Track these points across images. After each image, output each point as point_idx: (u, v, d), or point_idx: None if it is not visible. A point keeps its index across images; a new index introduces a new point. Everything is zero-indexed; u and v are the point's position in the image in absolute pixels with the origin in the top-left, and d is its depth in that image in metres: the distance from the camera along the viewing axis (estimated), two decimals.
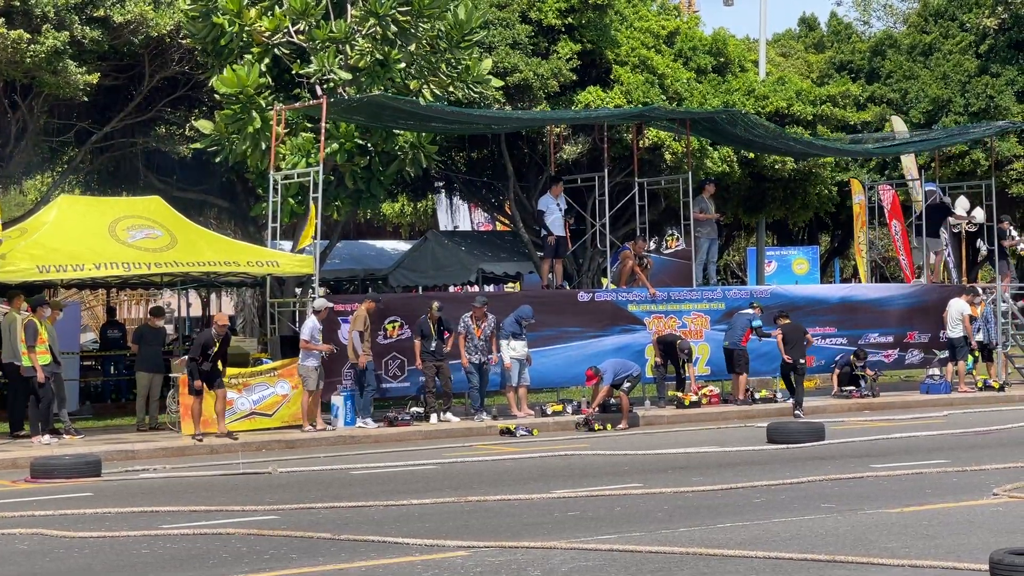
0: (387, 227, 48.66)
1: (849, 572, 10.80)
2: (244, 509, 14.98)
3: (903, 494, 15.23)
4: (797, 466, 17.98)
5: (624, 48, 31.70)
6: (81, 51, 25.34)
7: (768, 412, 26.14)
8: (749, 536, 12.57)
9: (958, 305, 29.41)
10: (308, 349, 23.10)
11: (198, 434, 22.01)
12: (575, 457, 19.98)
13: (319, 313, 23.32)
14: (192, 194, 32.46)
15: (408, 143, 26.08)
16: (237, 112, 24.73)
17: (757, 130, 29.02)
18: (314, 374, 23.23)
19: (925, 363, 30.63)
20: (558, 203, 27.60)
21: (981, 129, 33.55)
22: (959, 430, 22.73)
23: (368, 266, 37.05)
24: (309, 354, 23.19)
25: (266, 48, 25.16)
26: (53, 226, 22.96)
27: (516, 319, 25.05)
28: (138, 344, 24.76)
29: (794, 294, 30.45)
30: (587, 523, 13.61)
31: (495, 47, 29.38)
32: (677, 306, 27.70)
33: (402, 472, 18.65)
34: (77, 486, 17.59)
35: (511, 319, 25.09)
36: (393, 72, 24.91)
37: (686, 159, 29.61)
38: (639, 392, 27.15)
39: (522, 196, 32.18)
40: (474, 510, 14.72)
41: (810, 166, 34.64)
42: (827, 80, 40.52)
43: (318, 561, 11.76)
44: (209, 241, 24.43)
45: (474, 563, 11.51)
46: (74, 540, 13.19)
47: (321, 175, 24.17)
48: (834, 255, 49.12)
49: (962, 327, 29.18)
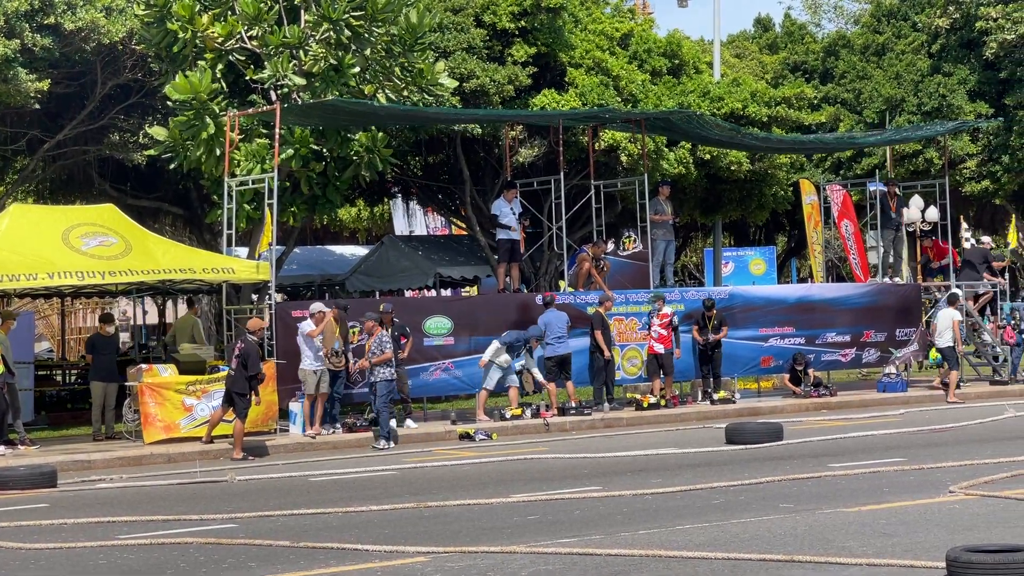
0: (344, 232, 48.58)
1: (807, 572, 10.83)
2: (202, 518, 14.89)
3: (861, 493, 15.29)
4: (755, 467, 18.03)
5: (578, 51, 31.75)
6: (32, 59, 25.18)
7: (727, 413, 26.21)
8: (709, 537, 12.58)
9: (948, 314, 28.87)
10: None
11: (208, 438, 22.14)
12: (534, 461, 19.96)
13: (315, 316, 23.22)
14: (146, 201, 32.33)
15: (363, 147, 26.02)
16: (191, 118, 24.61)
17: (713, 130, 29.13)
18: (312, 378, 23.12)
19: (882, 362, 30.77)
20: (512, 207, 27.59)
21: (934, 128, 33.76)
22: (915, 428, 22.86)
23: (325, 271, 36.97)
24: (306, 357, 23.10)
25: (219, 54, 25.04)
26: (5, 235, 22.75)
27: (525, 337, 24.95)
28: (91, 353, 24.58)
29: (752, 295, 30.55)
30: (547, 527, 13.60)
31: (450, 52, 29.37)
32: (637, 308, 27.71)
33: (361, 478, 18.59)
34: (32, 497, 17.45)
35: (520, 334, 24.97)
36: (347, 77, 24.85)
37: (642, 161, 29.66)
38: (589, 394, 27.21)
39: (479, 200, 32.17)
40: (433, 515, 14.68)
41: (766, 167, 34.79)
42: (782, 81, 40.74)
43: (277, 569, 11.70)
44: (164, 248, 24.26)
45: (434, 568, 11.47)
46: (30, 552, 13.08)
47: (276, 181, 24.07)
48: (791, 255, 49.35)
49: (951, 335, 28.60)
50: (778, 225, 46.68)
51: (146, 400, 22.45)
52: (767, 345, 29.53)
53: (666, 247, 29.76)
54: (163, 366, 24.41)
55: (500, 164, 31.07)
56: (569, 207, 28.64)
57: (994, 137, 39.11)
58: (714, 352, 28.00)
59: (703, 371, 28.25)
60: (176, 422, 22.58)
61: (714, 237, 39.91)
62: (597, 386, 26.64)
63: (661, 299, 27.21)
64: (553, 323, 25.76)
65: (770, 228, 47.15)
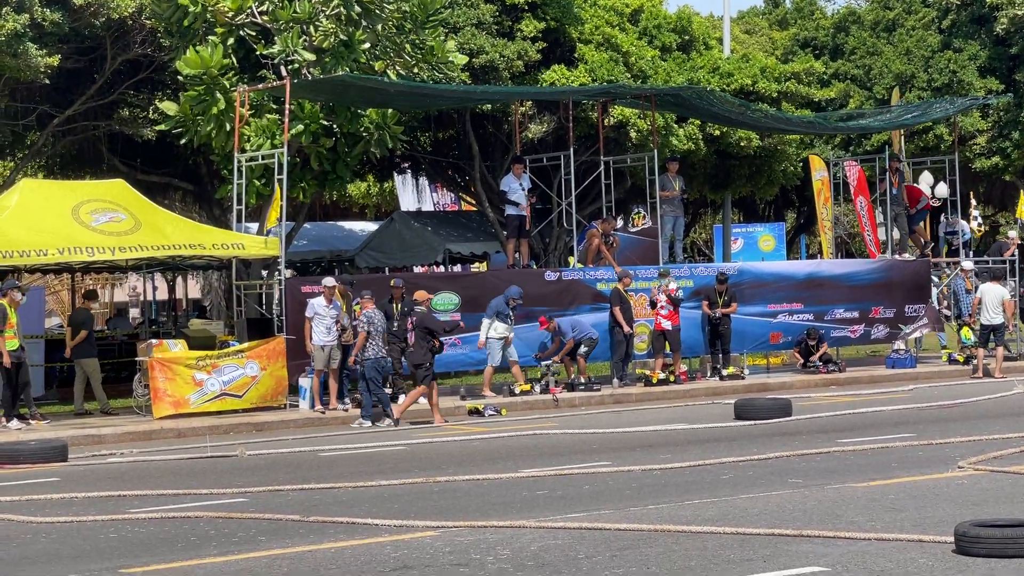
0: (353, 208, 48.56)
1: (816, 546, 10.86)
2: (212, 492, 14.94)
3: (869, 468, 15.31)
4: (764, 442, 18.05)
5: (588, 26, 31.70)
6: (42, 34, 25.17)
7: (736, 389, 26.23)
8: (718, 512, 12.61)
9: (996, 291, 28.49)
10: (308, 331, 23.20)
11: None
12: (543, 436, 20.00)
13: (325, 292, 23.24)
14: (156, 177, 32.35)
15: (373, 124, 26.02)
16: (201, 94, 24.60)
17: (722, 106, 29.07)
18: (321, 353, 23.16)
19: (891, 338, 30.75)
20: (520, 183, 27.56)
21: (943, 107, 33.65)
22: (924, 404, 22.87)
23: (335, 247, 36.99)
24: (315, 333, 23.16)
25: (230, 29, 25.02)
26: (15, 211, 22.82)
27: (505, 299, 24.98)
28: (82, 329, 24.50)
29: (761, 271, 30.54)
30: (556, 502, 13.63)
31: (460, 28, 29.34)
32: (646, 284, 27.71)
33: (371, 453, 18.64)
34: (43, 471, 17.52)
35: (499, 300, 24.99)
36: (357, 53, 24.81)
37: (651, 137, 29.64)
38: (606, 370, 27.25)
39: (488, 176, 32.17)
40: (443, 490, 14.73)
41: (775, 143, 34.72)
42: (791, 57, 40.62)
43: (287, 543, 11.75)
44: (174, 224, 24.32)
45: (443, 543, 11.51)
46: (41, 525, 13.14)
47: (286, 156, 24.09)
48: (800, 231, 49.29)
49: (1004, 313, 28.30)
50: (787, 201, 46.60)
51: (156, 375, 22.50)
52: (776, 321, 29.51)
53: (675, 223, 29.74)
54: (173, 341, 24.48)
55: (510, 140, 31.06)
56: (579, 183, 28.63)
57: (1004, 113, 38.97)
58: (723, 328, 28.00)
59: (712, 347, 28.25)
60: (186, 397, 22.64)
61: (723, 213, 39.86)
62: (615, 361, 26.64)
63: (668, 275, 27.19)
64: (580, 322, 26.00)
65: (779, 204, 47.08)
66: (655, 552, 10.86)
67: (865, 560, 10.32)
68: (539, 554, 10.95)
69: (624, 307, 26.43)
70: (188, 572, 10.75)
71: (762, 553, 10.69)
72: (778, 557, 10.53)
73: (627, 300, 26.60)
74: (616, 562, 10.54)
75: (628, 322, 26.31)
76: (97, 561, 11.30)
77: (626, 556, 10.75)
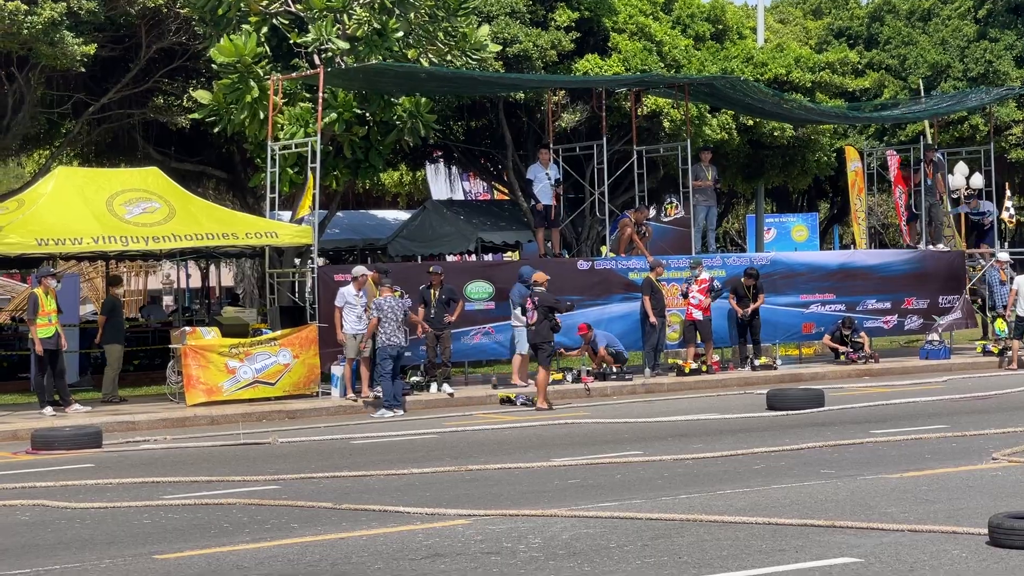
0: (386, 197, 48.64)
1: (848, 537, 10.83)
2: (245, 479, 15.01)
3: (902, 459, 15.26)
4: (797, 432, 18.01)
5: (622, 15, 31.63)
6: (78, 22, 25.28)
7: (768, 379, 26.17)
8: (749, 502, 12.60)
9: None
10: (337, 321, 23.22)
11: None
12: (575, 425, 20.00)
13: (356, 280, 23.26)
14: (190, 165, 32.47)
15: (407, 112, 26.03)
16: (235, 82, 24.67)
17: (756, 96, 28.97)
18: (353, 342, 23.20)
19: (924, 329, 30.61)
20: (547, 171, 27.45)
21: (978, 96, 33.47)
22: (958, 395, 22.76)
23: (367, 236, 37.04)
24: (346, 321, 23.18)
25: (264, 17, 25.09)
26: (50, 198, 22.94)
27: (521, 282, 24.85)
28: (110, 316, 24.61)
29: (793, 261, 30.44)
30: (588, 491, 13.64)
31: (494, 17, 29.32)
32: (678, 274, 27.65)
33: (403, 441, 18.68)
34: (78, 457, 17.64)
35: (520, 287, 24.88)
36: (391, 41, 24.82)
37: (685, 126, 29.57)
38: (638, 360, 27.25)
39: (520, 165, 32.13)
40: (474, 479, 14.75)
41: (809, 133, 34.60)
42: (825, 47, 40.49)
43: (319, 530, 11.79)
44: (207, 212, 24.40)
45: (475, 531, 11.53)
46: (76, 511, 13.22)
47: (319, 145, 24.13)
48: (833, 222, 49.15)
49: None
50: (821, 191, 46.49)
51: (189, 363, 22.60)
52: (808, 312, 29.41)
53: (708, 213, 29.66)
54: (206, 329, 24.56)
55: (542, 129, 31.03)
56: (611, 172, 28.59)
57: None
58: (752, 319, 27.87)
59: (741, 337, 28.13)
60: (219, 385, 22.73)
61: (756, 203, 39.74)
62: (647, 350, 26.61)
63: (700, 265, 27.13)
64: (615, 339, 26.12)
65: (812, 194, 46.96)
66: (687, 542, 10.86)
67: (898, 551, 10.29)
68: (571, 543, 10.96)
69: (656, 297, 26.37)
70: (221, 558, 10.80)
71: (794, 544, 10.67)
72: (810, 548, 10.52)
73: (659, 290, 26.54)
74: (648, 551, 10.54)
75: (659, 312, 26.25)
76: (131, 547, 11.37)
77: (658, 545, 10.75)
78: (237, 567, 10.46)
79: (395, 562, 10.44)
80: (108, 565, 10.67)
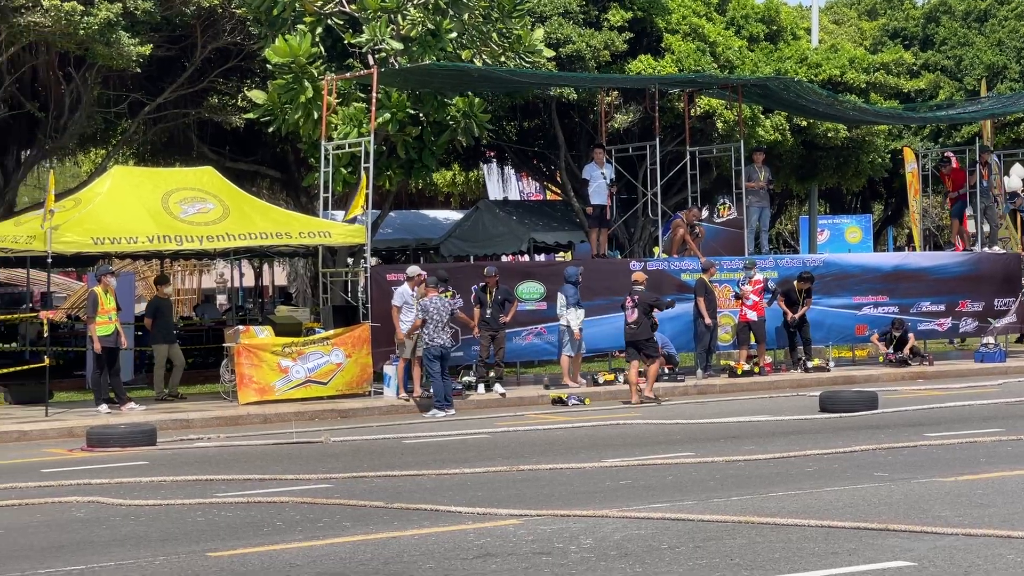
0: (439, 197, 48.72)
1: (902, 540, 10.77)
2: (298, 478, 15.08)
3: (957, 463, 15.16)
4: (850, 435, 17.91)
5: (675, 16, 31.57)
6: (134, 22, 25.46)
7: (821, 381, 26.04)
8: (802, 505, 12.55)
9: None
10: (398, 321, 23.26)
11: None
12: (627, 426, 19.98)
13: (411, 280, 23.30)
14: (244, 164, 32.66)
15: (460, 112, 26.07)
16: (289, 82, 24.79)
17: (810, 97, 28.84)
18: (409, 342, 23.23)
19: (980, 332, 30.39)
20: (602, 171, 27.44)
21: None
22: (1014, 399, 22.55)
23: (420, 236, 37.13)
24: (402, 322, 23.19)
25: (318, 18, 25.20)
26: (107, 197, 23.11)
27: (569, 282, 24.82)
28: (154, 317, 24.74)
29: (847, 262, 30.28)
30: (639, 492, 13.62)
31: (547, 17, 29.33)
32: (730, 275, 27.57)
33: (454, 441, 18.72)
34: (133, 455, 17.77)
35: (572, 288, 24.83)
36: (444, 42, 24.87)
37: (738, 127, 29.48)
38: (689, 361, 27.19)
39: (573, 165, 32.15)
40: (526, 479, 14.76)
41: (863, 134, 34.41)
42: (880, 47, 40.26)
43: (371, 529, 11.83)
44: (261, 212, 24.52)
45: (526, 531, 11.54)
46: (130, 508, 13.32)
47: (372, 145, 24.21)
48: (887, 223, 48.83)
49: None
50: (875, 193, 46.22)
51: (242, 361, 22.72)
52: (861, 314, 29.26)
53: (761, 214, 29.56)
54: (259, 328, 24.68)
55: (595, 130, 31.02)
56: (664, 173, 28.56)
57: None
58: (802, 323, 27.66)
59: (791, 341, 27.93)
60: (271, 384, 22.84)
61: (810, 204, 39.56)
62: (699, 351, 26.55)
63: (754, 266, 27.03)
64: (668, 341, 26.12)
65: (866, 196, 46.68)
66: (738, 544, 10.83)
67: (953, 556, 10.23)
68: (622, 544, 10.96)
69: (708, 298, 26.30)
70: (274, 556, 10.86)
71: (847, 547, 10.62)
72: (863, 551, 10.46)
73: (711, 291, 26.47)
74: (699, 553, 10.52)
75: (712, 313, 26.19)
76: (185, 544, 11.45)
77: (709, 547, 10.73)
78: (290, 565, 10.51)
79: (446, 561, 10.47)
80: (162, 562, 10.75)
